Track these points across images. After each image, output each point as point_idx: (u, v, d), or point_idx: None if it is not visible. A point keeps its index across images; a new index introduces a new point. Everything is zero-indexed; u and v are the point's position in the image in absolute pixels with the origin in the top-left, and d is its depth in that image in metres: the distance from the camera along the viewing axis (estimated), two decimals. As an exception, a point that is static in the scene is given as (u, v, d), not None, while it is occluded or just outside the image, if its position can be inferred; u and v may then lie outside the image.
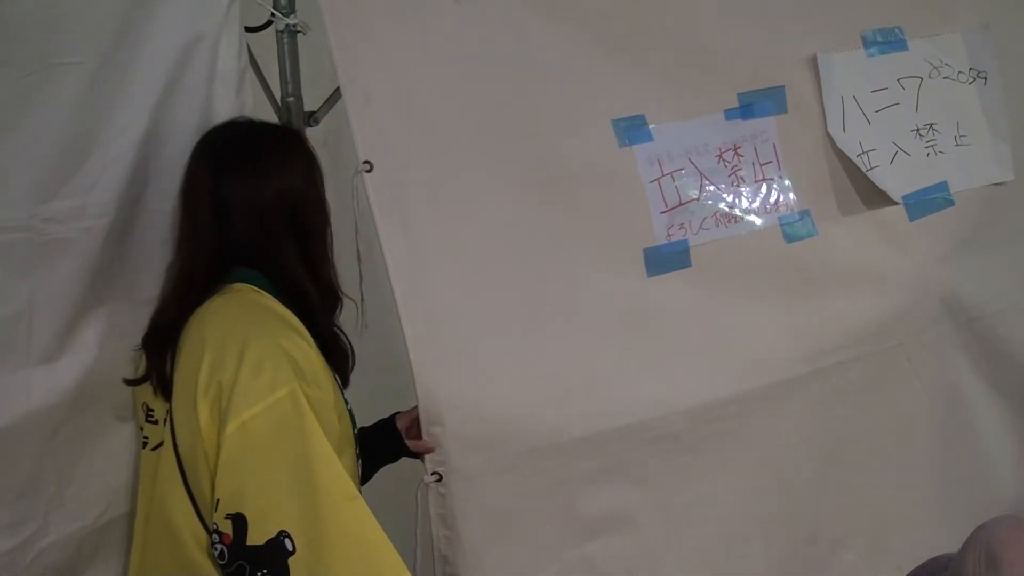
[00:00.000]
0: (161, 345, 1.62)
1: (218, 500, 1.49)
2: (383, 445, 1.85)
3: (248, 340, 1.54)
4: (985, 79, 2.21)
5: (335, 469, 1.51)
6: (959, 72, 2.19)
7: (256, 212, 1.61)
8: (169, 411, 1.58)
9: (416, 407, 1.76)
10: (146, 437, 1.67)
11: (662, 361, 1.93)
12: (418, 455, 1.79)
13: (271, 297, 1.63)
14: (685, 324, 1.95)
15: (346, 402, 1.72)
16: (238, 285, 1.63)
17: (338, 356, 1.69)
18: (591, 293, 1.89)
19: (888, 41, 2.13)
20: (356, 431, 1.75)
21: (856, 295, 2.07)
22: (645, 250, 1.92)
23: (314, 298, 1.65)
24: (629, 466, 1.92)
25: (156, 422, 1.64)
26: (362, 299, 1.81)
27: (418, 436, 1.78)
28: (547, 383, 1.84)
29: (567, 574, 1.89)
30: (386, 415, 1.86)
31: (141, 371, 1.64)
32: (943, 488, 2.18)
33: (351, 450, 1.71)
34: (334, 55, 1.73)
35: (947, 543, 2.07)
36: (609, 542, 1.91)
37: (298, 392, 1.52)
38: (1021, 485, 2.28)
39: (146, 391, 1.66)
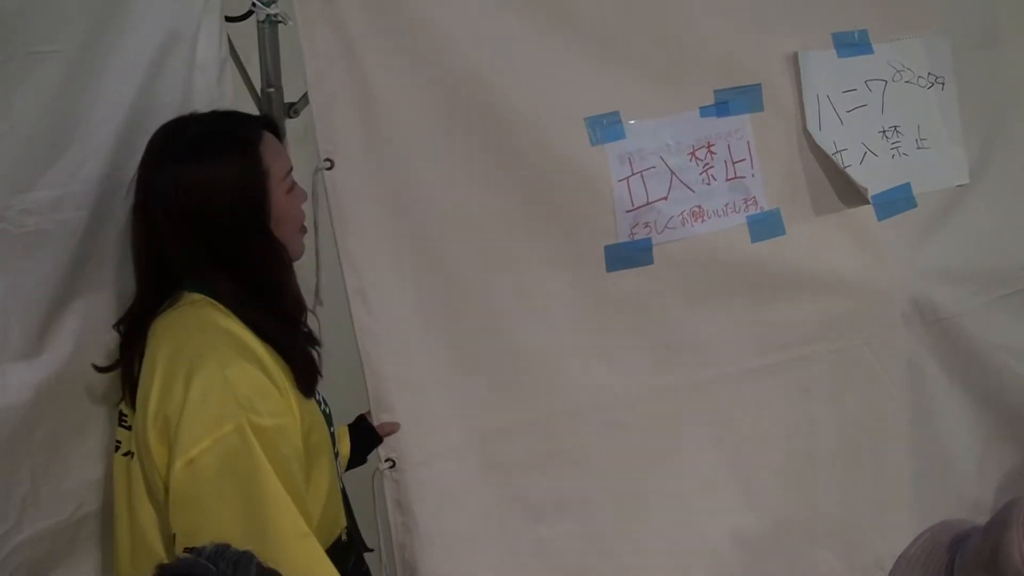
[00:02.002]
0: (128, 350, 1.60)
1: (175, 534, 1.48)
2: (365, 443, 1.87)
3: (194, 369, 1.49)
4: (943, 84, 2.26)
5: (284, 507, 1.49)
6: (919, 76, 2.23)
7: (167, 219, 1.53)
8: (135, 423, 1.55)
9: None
10: (118, 441, 1.65)
11: (612, 350, 1.98)
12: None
13: (226, 312, 1.56)
14: (639, 316, 1.99)
15: (321, 404, 1.69)
16: (195, 296, 1.57)
17: (300, 368, 1.60)
18: (546, 285, 1.92)
19: (855, 43, 2.17)
20: (333, 430, 1.73)
21: (820, 293, 2.11)
22: (606, 247, 1.94)
23: (256, 317, 1.57)
24: (575, 451, 1.98)
25: (129, 428, 1.61)
26: (317, 295, 1.84)
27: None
28: (494, 369, 1.90)
29: (519, 555, 1.94)
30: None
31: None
32: (914, 485, 2.23)
33: (328, 453, 1.68)
34: (303, 49, 1.72)
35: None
36: (559, 524, 1.97)
37: (245, 427, 1.47)
38: (987, 483, 2.35)
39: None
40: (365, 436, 1.87)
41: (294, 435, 1.55)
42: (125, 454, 1.61)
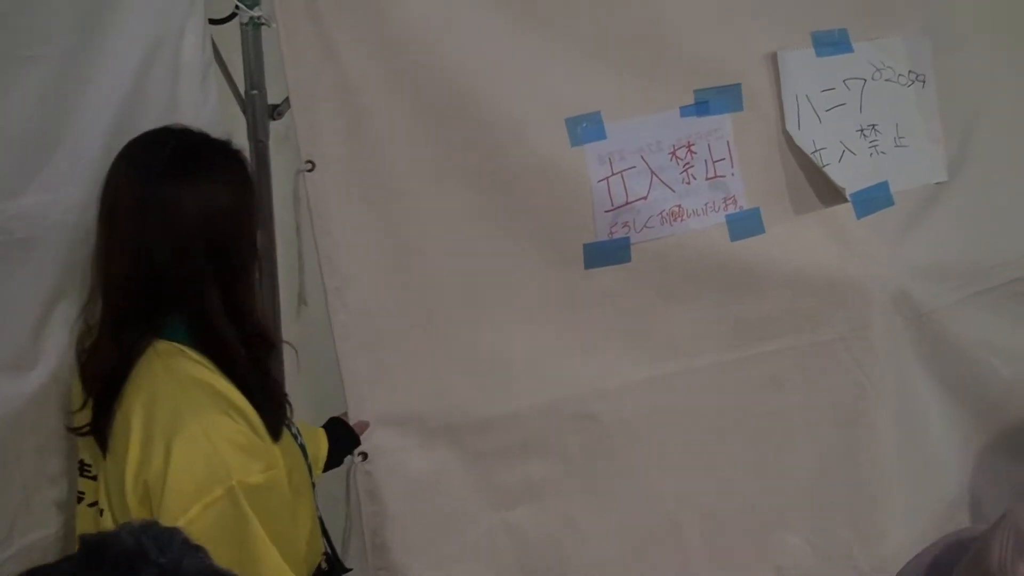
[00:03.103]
0: (102, 396, 1.49)
1: None
2: (342, 445, 1.88)
3: (175, 430, 1.40)
4: (923, 82, 2.28)
5: (278, 570, 1.44)
6: (899, 75, 2.25)
7: (177, 237, 1.44)
8: (107, 487, 1.49)
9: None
10: (81, 492, 1.59)
11: (586, 344, 2.02)
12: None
13: (199, 362, 1.47)
14: (614, 311, 2.02)
15: (296, 437, 1.65)
16: (163, 346, 1.47)
17: (267, 411, 1.51)
18: (522, 281, 1.95)
19: (835, 42, 2.19)
20: (308, 462, 1.70)
21: (797, 289, 2.13)
22: (585, 245, 1.97)
23: (237, 350, 1.49)
24: (547, 442, 2.02)
25: (93, 477, 1.55)
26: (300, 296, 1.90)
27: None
28: (471, 364, 1.94)
29: (491, 537, 2.00)
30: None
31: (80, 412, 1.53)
32: (890, 478, 2.25)
33: (307, 487, 1.65)
34: (284, 54, 1.74)
35: (902, 533, 2.19)
36: (530, 511, 2.02)
37: (236, 490, 1.40)
38: (966, 479, 2.37)
39: (78, 442, 1.58)
40: (342, 438, 1.87)
41: (283, 485, 1.50)
42: (91, 505, 1.55)
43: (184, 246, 1.44)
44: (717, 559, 2.17)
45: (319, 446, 1.83)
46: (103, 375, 1.49)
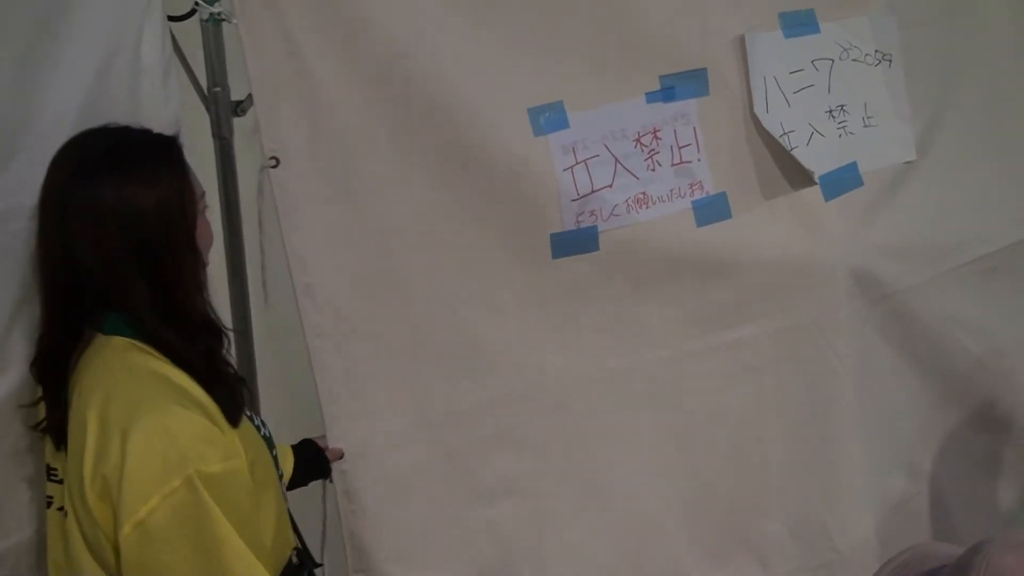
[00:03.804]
0: (50, 389, 1.54)
1: None
2: (310, 468, 1.89)
3: (130, 423, 1.41)
4: (890, 61, 2.28)
5: (242, 556, 1.44)
6: (866, 54, 2.25)
7: (99, 237, 1.44)
8: (67, 479, 1.50)
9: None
10: (50, 496, 1.59)
11: (559, 335, 2.01)
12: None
13: (153, 355, 1.49)
14: (584, 301, 2.01)
15: (260, 428, 1.67)
16: (117, 340, 1.49)
17: (223, 398, 1.53)
18: (491, 273, 1.94)
19: (802, 23, 2.18)
20: (275, 453, 1.70)
21: (766, 273, 2.13)
22: (551, 235, 1.96)
23: (177, 344, 1.49)
24: (521, 434, 2.01)
25: (60, 481, 1.55)
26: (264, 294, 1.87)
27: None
28: (442, 357, 1.93)
29: (471, 536, 1.98)
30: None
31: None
32: (859, 457, 2.27)
33: (273, 480, 1.66)
34: (243, 47, 1.72)
35: (878, 514, 2.21)
36: (510, 507, 2.01)
37: (194, 479, 1.40)
38: (935, 456, 2.40)
39: (46, 444, 1.59)
40: (313, 461, 1.86)
41: (243, 474, 1.50)
42: (59, 509, 1.54)
43: (106, 246, 1.45)
44: (698, 549, 2.17)
45: (284, 462, 1.84)
46: (46, 366, 1.53)
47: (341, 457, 1.86)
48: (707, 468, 2.15)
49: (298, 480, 1.88)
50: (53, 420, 1.54)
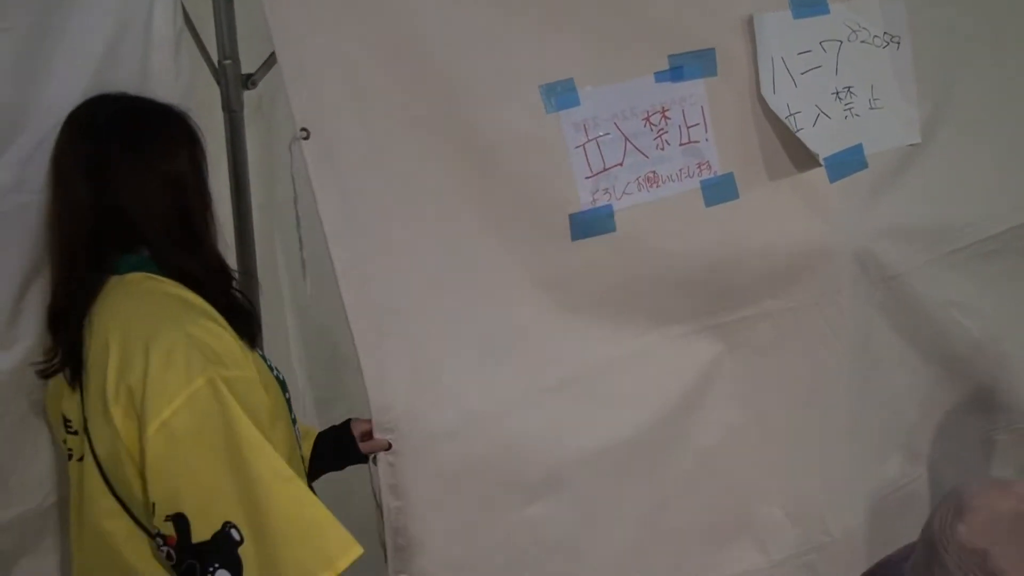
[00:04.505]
0: (67, 334, 1.58)
1: (154, 504, 1.46)
2: (338, 452, 1.88)
3: (153, 335, 1.48)
4: (898, 44, 2.27)
5: (266, 453, 1.48)
6: (874, 36, 2.24)
7: (141, 195, 1.57)
8: (84, 420, 1.54)
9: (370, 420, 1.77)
10: (70, 449, 1.63)
11: (577, 319, 1.98)
12: (368, 457, 1.82)
13: (170, 281, 1.59)
14: (604, 284, 2.00)
15: (272, 369, 1.70)
16: (132, 275, 1.58)
17: (240, 321, 1.63)
18: (517, 257, 1.92)
19: (811, 4, 2.18)
20: (288, 396, 1.74)
21: (771, 255, 2.12)
22: (571, 215, 1.95)
23: (202, 278, 1.61)
24: (555, 424, 1.96)
25: (76, 432, 1.59)
26: (304, 265, 1.84)
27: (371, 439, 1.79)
28: (477, 346, 1.89)
29: (513, 536, 1.94)
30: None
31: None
32: (859, 440, 2.28)
33: (285, 419, 1.70)
34: (268, 21, 1.68)
35: (871, 497, 2.23)
36: (548, 504, 1.96)
37: (216, 379, 1.47)
38: (931, 441, 2.41)
39: (60, 400, 1.62)
40: (351, 446, 1.86)
41: (259, 387, 1.58)
42: (80, 459, 1.59)
43: (148, 202, 1.58)
44: (701, 535, 2.17)
45: (304, 444, 1.85)
46: (62, 310, 1.59)
47: (388, 448, 1.77)
48: (711, 450, 2.13)
49: (328, 462, 1.89)
50: (69, 356, 1.58)
